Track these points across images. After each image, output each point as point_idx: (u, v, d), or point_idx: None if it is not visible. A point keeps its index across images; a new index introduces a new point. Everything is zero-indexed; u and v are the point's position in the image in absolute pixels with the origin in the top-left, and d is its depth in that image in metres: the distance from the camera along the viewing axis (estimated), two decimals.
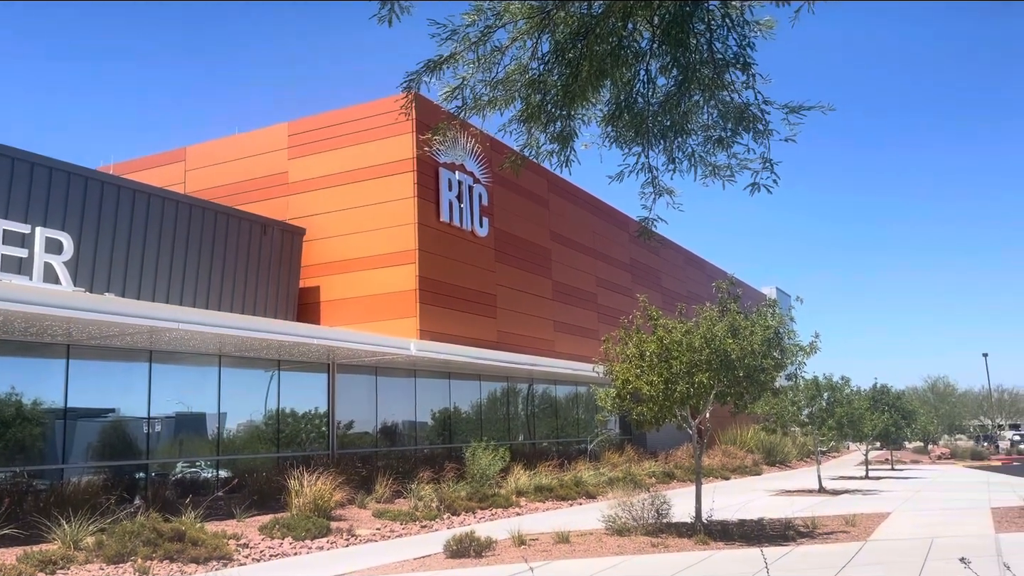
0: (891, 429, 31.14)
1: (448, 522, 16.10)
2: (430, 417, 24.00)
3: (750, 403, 14.39)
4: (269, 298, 22.82)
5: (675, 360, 13.10)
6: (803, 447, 41.06)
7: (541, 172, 29.47)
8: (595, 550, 12.04)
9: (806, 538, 12.98)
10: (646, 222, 6.92)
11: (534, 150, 6.68)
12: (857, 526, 14.27)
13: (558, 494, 20.60)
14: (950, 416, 65.68)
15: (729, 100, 6.16)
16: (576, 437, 31.04)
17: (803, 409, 24.66)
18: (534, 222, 29.92)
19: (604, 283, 34.83)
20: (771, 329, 13.59)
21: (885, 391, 32.90)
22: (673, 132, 6.46)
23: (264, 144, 26.26)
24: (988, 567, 9.38)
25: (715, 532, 13.23)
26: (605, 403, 14.35)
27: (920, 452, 53.35)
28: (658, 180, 6.75)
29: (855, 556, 11.17)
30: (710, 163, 6.59)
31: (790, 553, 11.56)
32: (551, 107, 6.42)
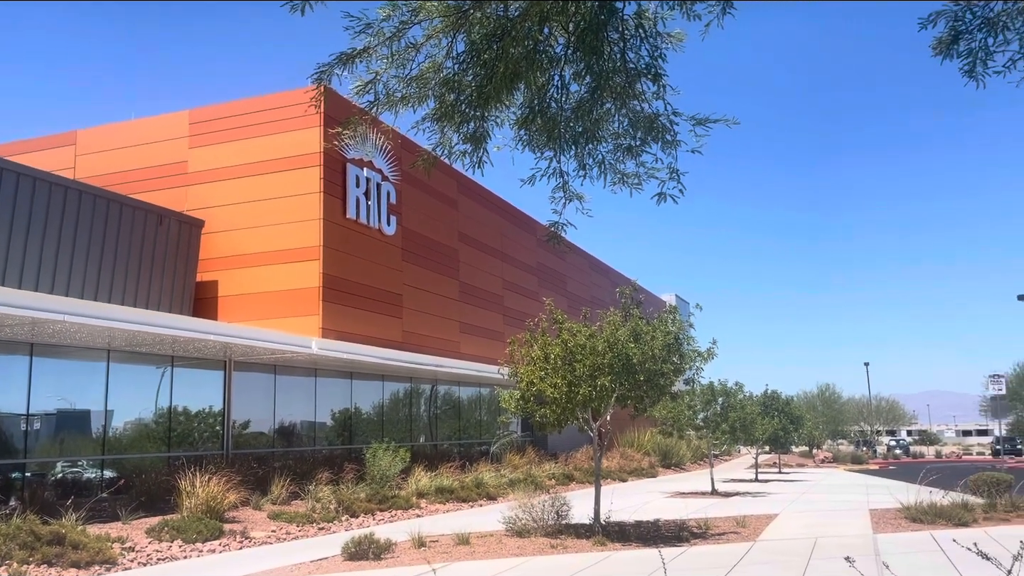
0: (780, 434, 32.47)
1: (347, 524, 15.83)
2: (330, 417, 23.56)
3: (650, 407, 14.72)
4: (164, 292, 21.91)
5: (579, 363, 13.28)
6: (697, 450, 42.31)
7: (450, 172, 29.40)
8: (495, 551, 12.06)
9: (699, 539, 13.38)
10: (556, 226, 6.98)
11: (447, 150, 6.63)
12: (747, 527, 14.80)
13: (459, 496, 20.56)
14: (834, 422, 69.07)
15: (640, 110, 6.27)
16: (478, 439, 31.08)
17: (699, 413, 25.45)
18: (442, 222, 29.81)
19: (510, 286, 35.03)
20: (671, 335, 13.94)
21: (775, 397, 34.28)
22: (585, 138, 6.53)
23: (163, 131, 25.22)
24: (868, 566, 9.86)
25: (613, 533, 13.48)
26: (509, 405, 14.40)
27: (805, 456, 55.83)
28: (569, 185, 6.82)
29: (745, 555, 11.57)
30: (619, 171, 6.69)
31: (684, 553, 11.89)
32: (465, 107, 6.39)
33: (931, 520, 14.82)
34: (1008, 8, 5.39)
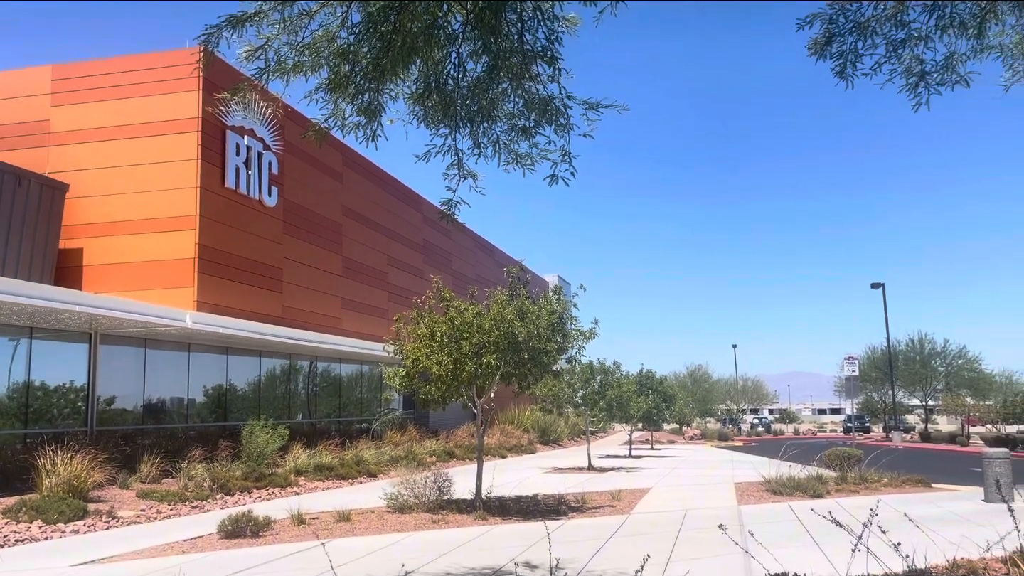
0: (653, 412, 33.78)
1: (222, 503, 15.39)
2: (204, 394, 22.74)
3: (533, 384, 15.00)
4: (22, 258, 20.47)
5: (465, 341, 13.37)
6: (575, 427, 43.48)
7: (336, 145, 28.77)
8: (377, 527, 12.05)
9: (577, 512, 13.80)
10: (449, 204, 6.99)
11: (339, 121, 6.52)
12: (623, 500, 15.38)
13: (339, 473, 20.35)
14: (703, 401, 72.33)
15: (535, 91, 6.36)
16: (359, 417, 30.77)
17: (578, 391, 26.13)
18: (327, 195, 29.16)
19: (396, 263, 34.72)
20: (556, 314, 14.23)
21: (650, 376, 35.60)
22: (480, 117, 6.56)
23: (22, 87, 23.46)
24: (734, 535, 10.45)
25: (494, 508, 13.71)
26: (393, 382, 14.34)
27: (676, 433, 58.31)
28: (463, 163, 6.85)
29: (620, 527, 12.04)
30: (513, 151, 6.76)
31: (563, 526, 12.24)
32: (360, 79, 6.30)
33: (790, 492, 15.85)
34: (877, 14, 5.78)
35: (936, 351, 58.84)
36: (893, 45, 5.85)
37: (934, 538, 8.32)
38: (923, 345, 59.03)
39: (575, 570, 8.53)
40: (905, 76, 5.91)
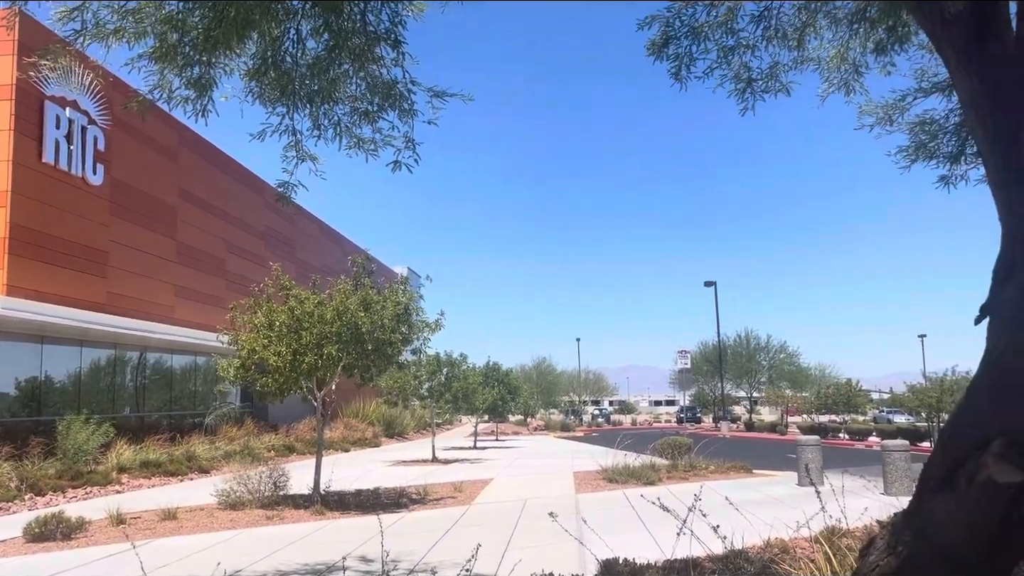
0: (499, 403, 34.21)
1: (31, 503, 14.18)
2: (14, 386, 20.84)
3: (376, 376, 14.76)
4: None
5: (306, 331, 12.96)
6: (421, 419, 43.34)
7: (171, 122, 27.12)
8: (206, 525, 11.46)
9: (418, 504, 13.71)
10: (286, 187, 6.70)
11: (166, 94, 6.10)
12: (464, 492, 15.43)
13: (167, 470, 19.25)
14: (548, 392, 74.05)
15: (378, 75, 6.20)
16: (192, 410, 29.23)
17: (424, 383, 26.02)
18: (160, 176, 27.45)
19: (235, 249, 33.21)
20: (402, 305, 14.06)
21: (496, 369, 36.02)
22: (320, 98, 6.33)
23: None
24: (570, 522, 10.71)
25: (333, 503, 13.38)
26: (228, 373, 13.69)
27: (521, 424, 59.40)
28: (302, 145, 6.58)
29: (460, 518, 12.06)
30: (355, 135, 6.57)
31: (403, 519, 12.12)
32: (189, 50, 5.92)
33: (625, 480, 16.47)
34: (710, 20, 6.03)
35: (760, 346, 63.12)
36: (724, 51, 6.13)
37: (752, 520, 8.85)
38: (749, 341, 63.16)
39: (412, 562, 8.44)
40: (734, 81, 6.22)
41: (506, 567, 7.87)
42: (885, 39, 6.07)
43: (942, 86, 6.62)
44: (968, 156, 6.85)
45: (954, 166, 6.92)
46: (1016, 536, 2.67)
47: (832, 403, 51.93)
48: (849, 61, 6.37)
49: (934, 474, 2.83)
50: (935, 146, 6.96)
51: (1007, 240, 2.46)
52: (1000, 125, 2.37)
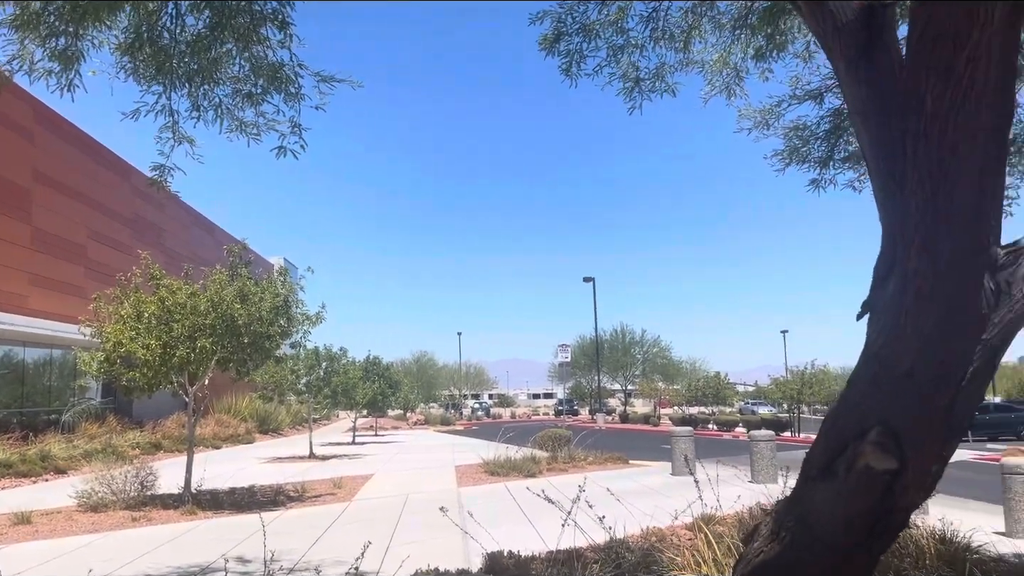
0: (379, 398, 33.79)
1: None
2: None
3: (253, 370, 14.24)
4: None
5: (177, 323, 12.35)
6: (297, 415, 42.26)
7: (26, 98, 25.22)
8: (65, 529, 10.74)
9: (297, 502, 13.34)
10: (161, 170, 6.35)
11: (27, 65, 5.66)
12: (344, 488, 15.14)
13: (19, 471, 17.93)
14: (428, 386, 73.81)
15: (263, 56, 5.96)
16: (47, 407, 27.36)
17: (302, 378, 25.35)
18: (12, 156, 25.47)
19: (98, 236, 31.27)
20: (281, 297, 13.62)
21: (376, 363, 35.56)
22: (200, 77, 6.02)
23: None
24: (453, 515, 10.69)
25: (205, 502, 12.83)
26: (90, 367, 12.85)
27: (401, 419, 58.91)
28: (179, 126, 6.24)
29: (341, 515, 11.82)
30: (237, 118, 6.30)
31: (281, 516, 11.75)
32: (55, 19, 5.51)
33: (507, 473, 16.59)
34: (601, 19, 6.12)
35: (635, 340, 65.11)
36: (614, 50, 6.25)
37: (631, 510, 9.09)
38: (625, 335, 65.03)
39: (292, 561, 8.20)
40: (623, 80, 6.34)
41: (391, 563, 7.76)
42: (765, 46, 6.34)
43: (815, 94, 6.98)
44: (836, 161, 7.26)
45: (824, 170, 7.32)
46: (890, 520, 2.84)
47: (702, 395, 54.21)
48: (731, 65, 6.62)
49: (816, 462, 2.96)
50: (807, 151, 7.35)
51: (888, 241, 2.60)
52: (886, 132, 2.50)
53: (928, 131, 2.10)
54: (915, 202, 2.24)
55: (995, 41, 1.94)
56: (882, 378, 2.70)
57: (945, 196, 2.19)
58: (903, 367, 2.62)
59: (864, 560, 3.02)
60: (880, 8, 2.48)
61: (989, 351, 2.98)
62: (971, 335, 2.67)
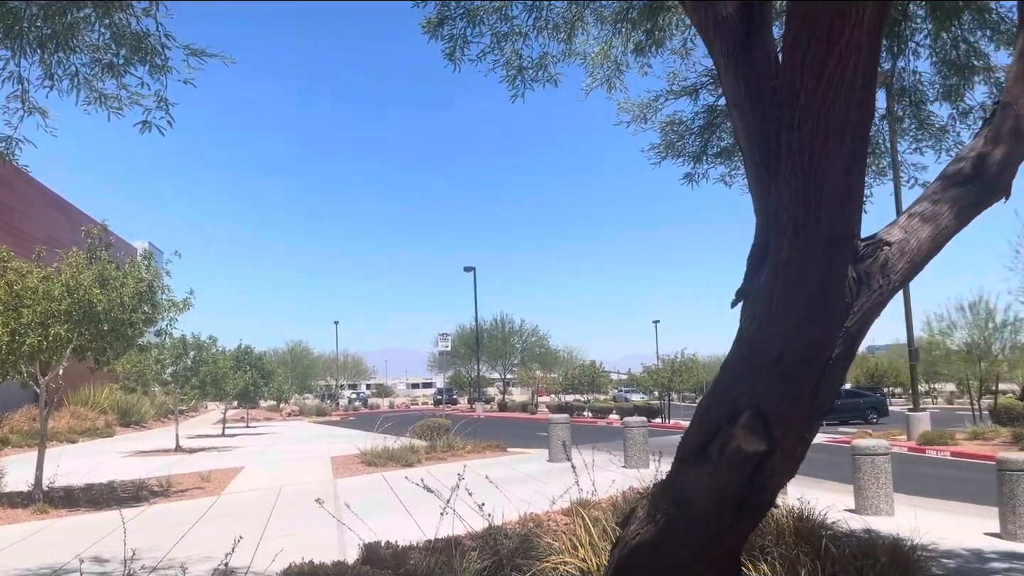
0: (251, 388, 32.70)
1: None
2: None
3: (113, 359, 13.45)
4: None
5: (27, 309, 11.49)
6: (163, 407, 40.35)
7: None
8: None
9: (161, 497, 12.72)
10: (7, 142, 5.85)
11: None
12: (213, 481, 14.56)
13: None
14: (304, 377, 72.09)
15: (126, 24, 5.60)
16: None
17: (168, 367, 24.17)
18: None
19: None
20: (144, 282, 12.90)
21: (248, 352, 34.37)
22: (55, 44, 5.59)
23: None
24: (329, 507, 10.47)
25: (58, 499, 12.03)
26: None
27: (274, 410, 57.29)
28: (29, 96, 5.78)
29: (209, 510, 11.35)
30: (97, 89, 5.89)
31: (144, 512, 11.17)
32: None
33: (384, 463, 16.41)
34: (485, 5, 6.09)
35: (515, 330, 65.83)
36: (498, 37, 6.22)
37: (510, 496, 9.17)
38: (504, 325, 65.63)
39: (155, 559, 7.80)
40: (506, 68, 6.33)
41: (263, 558, 7.51)
42: (644, 41, 6.48)
43: (690, 90, 7.20)
44: (709, 156, 7.52)
45: (697, 164, 7.58)
46: (758, 500, 2.95)
47: (578, 383, 55.42)
48: (612, 59, 6.73)
49: (690, 446, 3.05)
50: (682, 145, 7.58)
51: (762, 231, 2.69)
52: (761, 126, 2.58)
53: (801, 125, 2.18)
54: (787, 193, 2.33)
55: (863, 41, 2.03)
56: (754, 363, 2.79)
57: (815, 188, 2.28)
58: (773, 353, 2.72)
59: (734, 538, 3.14)
60: (758, 5, 2.56)
61: (849, 338, 3.15)
62: (836, 323, 2.80)
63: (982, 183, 3.42)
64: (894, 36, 7.22)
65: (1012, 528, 8.99)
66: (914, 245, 3.28)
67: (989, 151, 3.50)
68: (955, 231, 3.46)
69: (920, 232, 3.34)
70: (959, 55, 7.12)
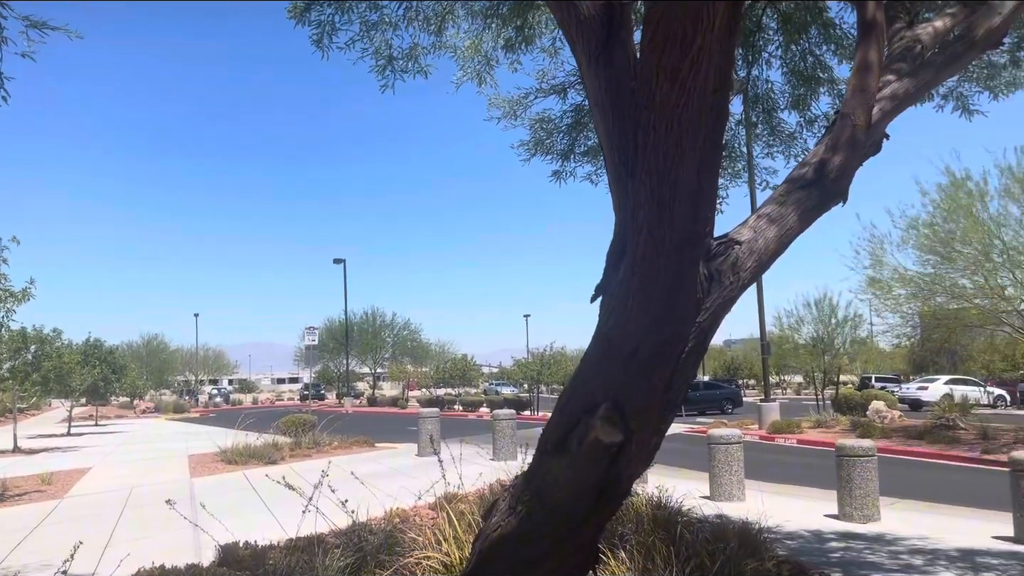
0: (100, 384, 30.81)
1: None
2: None
3: None
4: None
5: None
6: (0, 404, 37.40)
7: None
8: None
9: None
10: None
11: None
12: (55, 484, 13.64)
13: None
14: (160, 372, 68.60)
15: None
16: None
17: (5, 363, 22.39)
18: None
19: None
20: None
21: (98, 346, 32.36)
22: None
23: None
24: (185, 508, 10.01)
25: None
26: None
27: (127, 407, 54.25)
28: None
29: (51, 514, 10.62)
30: None
31: None
32: None
33: (245, 461, 15.85)
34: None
35: (386, 323, 65.12)
36: (367, 25, 6.11)
37: (376, 492, 9.08)
38: (375, 318, 64.79)
39: None
40: (375, 57, 6.22)
41: (108, 564, 7.09)
42: (514, 37, 6.53)
43: (559, 88, 7.32)
44: (577, 155, 7.68)
45: (565, 162, 7.72)
46: (615, 489, 3.04)
47: (449, 377, 55.47)
48: (482, 53, 6.74)
49: (551, 438, 3.10)
50: (551, 143, 7.70)
51: (620, 229, 2.76)
52: (620, 126, 2.65)
53: (656, 126, 2.25)
54: (643, 192, 2.40)
55: (715, 47, 2.11)
56: (611, 357, 2.87)
57: (669, 188, 2.36)
58: (629, 347, 2.81)
59: (592, 528, 3.22)
60: (619, 6, 2.62)
61: (701, 333, 3.29)
62: (688, 318, 2.92)
63: (822, 188, 3.65)
64: (749, 46, 7.61)
65: (848, 510, 9.69)
66: (762, 244, 3.46)
67: (829, 158, 3.74)
68: (799, 232, 3.68)
69: (767, 232, 3.53)
70: (807, 67, 7.59)
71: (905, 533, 8.85)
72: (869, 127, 3.85)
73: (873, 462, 9.80)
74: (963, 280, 20.20)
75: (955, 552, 7.86)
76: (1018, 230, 18.87)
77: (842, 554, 7.75)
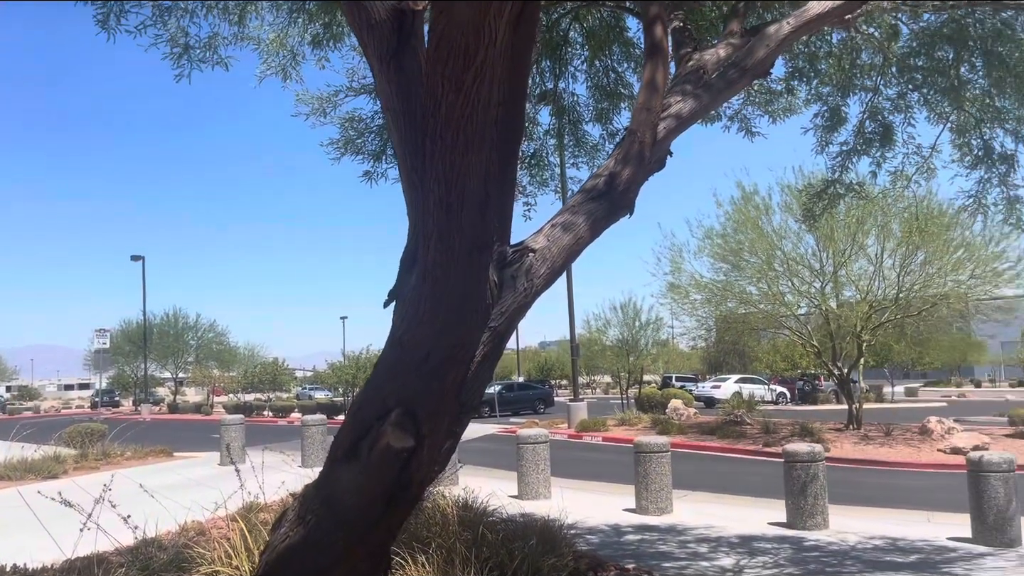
0: None
1: None
2: None
3: None
4: None
5: None
6: None
7: None
8: None
9: None
10: None
11: None
12: None
13: None
14: None
15: None
16: None
17: None
18: None
19: None
20: None
21: None
22: None
23: None
24: None
25: None
26: None
27: None
28: None
29: None
30: None
31: None
32: None
33: (20, 476, 14.39)
34: None
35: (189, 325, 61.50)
36: (160, 10, 5.74)
37: (169, 506, 8.54)
38: (177, 319, 61.02)
39: None
40: (171, 45, 5.85)
41: None
42: (321, 34, 6.38)
43: (369, 88, 7.23)
44: (388, 156, 7.61)
45: (377, 163, 7.63)
46: (406, 494, 3.04)
47: (259, 381, 53.27)
48: (288, 48, 6.53)
49: (341, 444, 3.05)
50: (362, 143, 7.58)
51: (413, 235, 2.77)
52: (412, 132, 2.65)
53: (443, 134, 2.27)
54: (432, 198, 2.42)
55: (498, 62, 2.17)
56: (403, 362, 2.87)
57: (456, 195, 2.39)
58: (421, 352, 2.82)
59: (383, 534, 3.20)
60: (411, 13, 2.63)
61: (497, 337, 3.36)
62: (479, 323, 2.97)
63: (611, 199, 3.84)
64: (556, 59, 7.89)
65: (645, 503, 10.27)
66: (555, 252, 3.59)
67: (619, 171, 3.95)
68: (589, 240, 3.86)
69: (561, 240, 3.66)
70: (609, 82, 7.98)
71: (694, 523, 9.50)
72: (655, 143, 4.10)
73: (667, 458, 10.44)
74: (750, 287, 22.00)
75: (736, 539, 8.54)
76: (796, 242, 20.85)
77: (636, 546, 8.20)
